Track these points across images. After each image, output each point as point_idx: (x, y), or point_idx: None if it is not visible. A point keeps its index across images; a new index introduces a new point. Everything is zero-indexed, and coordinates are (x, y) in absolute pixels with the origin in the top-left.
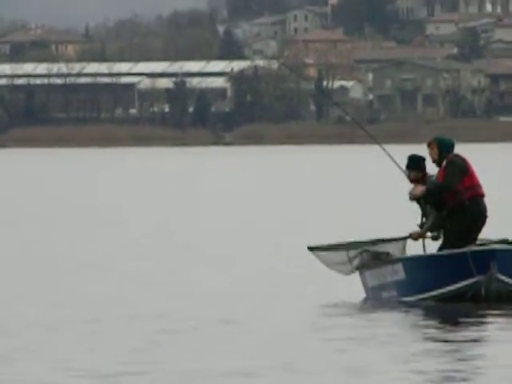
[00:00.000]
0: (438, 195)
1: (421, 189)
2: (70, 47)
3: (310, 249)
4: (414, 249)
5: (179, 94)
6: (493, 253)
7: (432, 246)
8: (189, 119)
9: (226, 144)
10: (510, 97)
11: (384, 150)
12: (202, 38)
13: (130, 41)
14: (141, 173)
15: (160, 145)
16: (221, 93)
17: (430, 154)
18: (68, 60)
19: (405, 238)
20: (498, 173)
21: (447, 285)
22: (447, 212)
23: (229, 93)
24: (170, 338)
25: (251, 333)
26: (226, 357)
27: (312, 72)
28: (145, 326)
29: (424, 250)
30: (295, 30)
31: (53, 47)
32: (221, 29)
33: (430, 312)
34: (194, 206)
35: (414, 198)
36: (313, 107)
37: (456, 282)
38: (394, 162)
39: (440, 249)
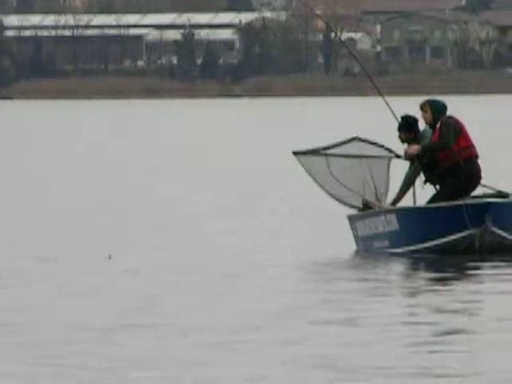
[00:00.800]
0: (432, 154)
1: (416, 147)
2: None
3: (295, 153)
4: (404, 201)
5: (187, 45)
6: (487, 205)
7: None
8: (197, 71)
9: (235, 96)
10: None
11: (385, 101)
12: None
13: None
14: (149, 125)
15: (168, 97)
16: (229, 45)
17: (424, 117)
18: (75, 12)
19: (395, 156)
20: (505, 123)
21: (441, 236)
22: (440, 173)
23: (237, 45)
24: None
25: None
26: (228, 314)
27: (320, 24)
28: (146, 279)
29: (414, 200)
30: None
31: None
32: None
33: (423, 263)
34: (203, 156)
35: (409, 156)
36: (321, 59)
37: (450, 234)
38: (393, 114)
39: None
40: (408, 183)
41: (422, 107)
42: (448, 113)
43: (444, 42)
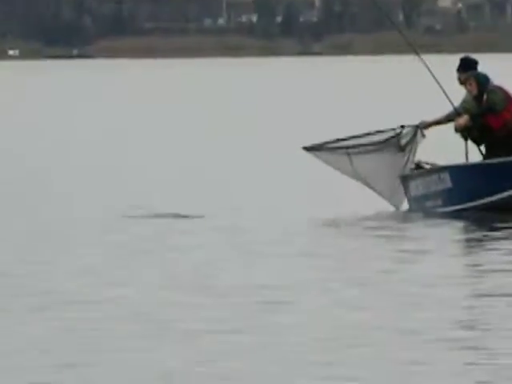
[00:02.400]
0: (483, 124)
1: (464, 118)
2: None
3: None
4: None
5: (267, 3)
6: None
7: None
8: (276, 29)
9: (314, 54)
10: None
11: (423, 61)
12: None
13: None
14: (229, 83)
15: (248, 55)
16: (309, 2)
17: (469, 90)
18: None
19: (415, 127)
20: None
21: (496, 193)
22: (494, 142)
23: (317, 2)
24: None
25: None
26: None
27: None
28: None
29: (467, 158)
30: None
31: None
32: None
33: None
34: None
35: (460, 128)
36: (401, 17)
37: (505, 190)
38: (433, 75)
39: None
40: (447, 118)
41: (465, 81)
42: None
43: None
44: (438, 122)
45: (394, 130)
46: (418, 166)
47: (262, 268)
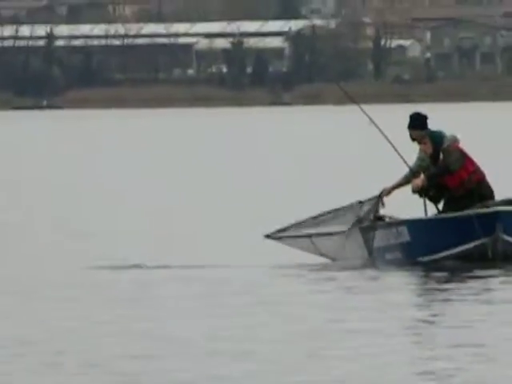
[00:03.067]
0: (440, 186)
1: (420, 179)
2: (127, 8)
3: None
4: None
5: (237, 54)
6: (498, 214)
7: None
8: (247, 79)
9: (285, 104)
10: None
11: (362, 110)
12: None
13: (187, 1)
14: (200, 133)
15: (218, 105)
16: (278, 53)
17: (424, 149)
18: (125, 21)
19: (378, 197)
20: None
21: (453, 247)
22: (450, 199)
23: (286, 52)
24: None
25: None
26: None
27: (369, 31)
28: None
29: (425, 212)
30: None
31: (110, 8)
32: None
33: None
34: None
35: (416, 189)
36: (370, 66)
37: (462, 244)
38: (373, 122)
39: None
40: (406, 180)
41: (420, 139)
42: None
43: (494, 48)
44: (398, 186)
45: (351, 206)
46: (379, 218)
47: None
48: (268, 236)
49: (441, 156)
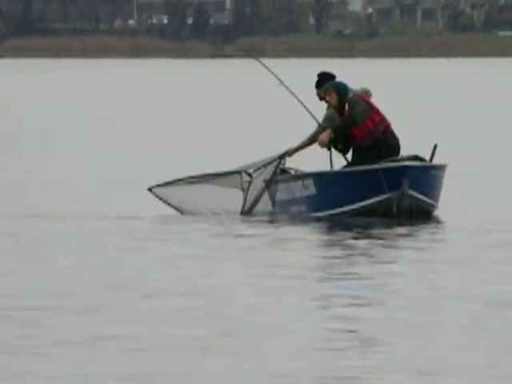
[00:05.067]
0: (347, 137)
1: (326, 133)
2: None
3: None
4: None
5: (178, 5)
6: (405, 169)
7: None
8: (188, 31)
9: (225, 56)
10: (509, 11)
11: (262, 63)
12: None
13: None
14: (138, 85)
15: (159, 56)
16: (220, 5)
17: (329, 101)
18: None
19: (281, 156)
20: (496, 86)
21: (359, 201)
22: (358, 149)
23: (228, 5)
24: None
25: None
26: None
27: None
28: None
29: (331, 165)
30: None
31: None
32: None
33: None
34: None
35: (323, 144)
36: (312, 20)
37: (368, 198)
38: (275, 75)
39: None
40: (311, 139)
41: (326, 91)
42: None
43: (435, 3)
44: (303, 146)
45: (239, 174)
46: (283, 170)
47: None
48: (151, 188)
49: (346, 107)
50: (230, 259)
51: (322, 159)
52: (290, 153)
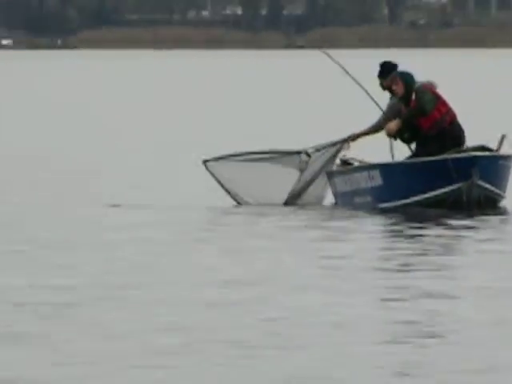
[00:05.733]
0: (413, 127)
1: (395, 123)
2: None
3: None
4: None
5: None
6: (474, 159)
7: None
8: (261, 22)
9: (299, 47)
10: None
11: (330, 56)
12: None
13: None
14: (212, 75)
15: (232, 47)
16: None
17: (395, 90)
18: None
19: (344, 140)
20: None
21: (428, 191)
22: (425, 141)
23: None
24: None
25: None
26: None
27: None
28: None
29: (392, 154)
30: None
31: None
32: None
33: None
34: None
35: (392, 133)
36: (386, 11)
37: (437, 189)
38: (343, 68)
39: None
40: (376, 127)
41: (392, 81)
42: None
43: None
44: (367, 133)
45: (299, 155)
46: (345, 162)
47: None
48: (206, 161)
49: (413, 96)
50: (298, 251)
51: (380, 149)
52: (354, 138)
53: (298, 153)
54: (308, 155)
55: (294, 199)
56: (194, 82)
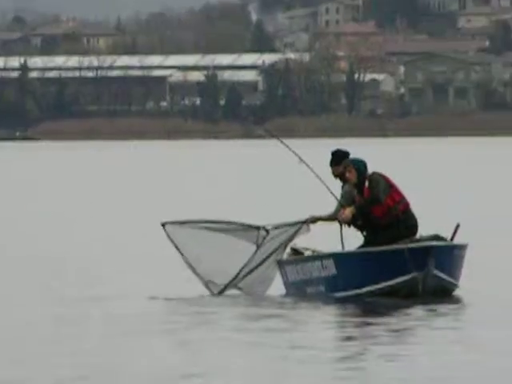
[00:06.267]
0: (367, 215)
1: (349, 210)
2: (101, 40)
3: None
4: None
5: (210, 87)
6: (431, 249)
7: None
8: (220, 112)
9: (257, 137)
10: None
11: (284, 143)
12: (234, 31)
13: (161, 34)
14: (171, 166)
15: (191, 138)
16: (252, 86)
17: (348, 178)
18: (99, 53)
19: (301, 223)
20: None
21: (383, 281)
22: (376, 227)
23: (260, 86)
24: None
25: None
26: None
27: (343, 65)
28: None
29: (342, 244)
30: (327, 23)
31: (84, 40)
32: (253, 20)
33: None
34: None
35: (347, 220)
36: (344, 100)
37: (393, 278)
38: (296, 154)
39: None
40: (335, 215)
41: (345, 168)
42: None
43: (467, 83)
44: (326, 219)
45: (258, 230)
46: (296, 251)
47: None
48: (164, 224)
49: (366, 184)
50: (248, 343)
51: (326, 238)
52: (313, 220)
53: (258, 228)
54: (267, 231)
55: (238, 279)
56: (152, 172)
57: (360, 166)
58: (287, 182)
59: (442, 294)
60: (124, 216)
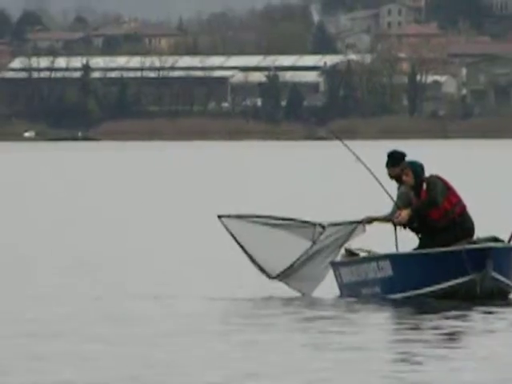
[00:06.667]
0: (423, 217)
1: (405, 212)
2: (163, 40)
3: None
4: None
5: (272, 87)
6: (488, 251)
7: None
8: (281, 113)
9: (319, 138)
10: None
11: (345, 145)
12: (295, 32)
13: (222, 34)
14: (233, 166)
15: (252, 138)
16: (313, 87)
17: (405, 181)
18: (161, 53)
19: (357, 222)
20: None
21: (440, 282)
22: (434, 231)
23: (321, 87)
24: None
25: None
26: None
27: (405, 66)
28: None
29: (396, 244)
30: (389, 24)
31: (146, 40)
32: (314, 22)
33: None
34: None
35: (403, 222)
36: (406, 102)
37: (450, 280)
38: (357, 157)
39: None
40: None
41: (402, 171)
42: None
43: None
44: (382, 220)
45: (314, 226)
46: (351, 252)
47: None
48: (220, 216)
49: (424, 186)
50: (305, 345)
51: (383, 239)
52: (369, 220)
53: (314, 224)
54: (323, 228)
55: (293, 269)
56: (213, 172)
57: (417, 168)
58: (347, 183)
59: (500, 296)
60: (185, 216)
